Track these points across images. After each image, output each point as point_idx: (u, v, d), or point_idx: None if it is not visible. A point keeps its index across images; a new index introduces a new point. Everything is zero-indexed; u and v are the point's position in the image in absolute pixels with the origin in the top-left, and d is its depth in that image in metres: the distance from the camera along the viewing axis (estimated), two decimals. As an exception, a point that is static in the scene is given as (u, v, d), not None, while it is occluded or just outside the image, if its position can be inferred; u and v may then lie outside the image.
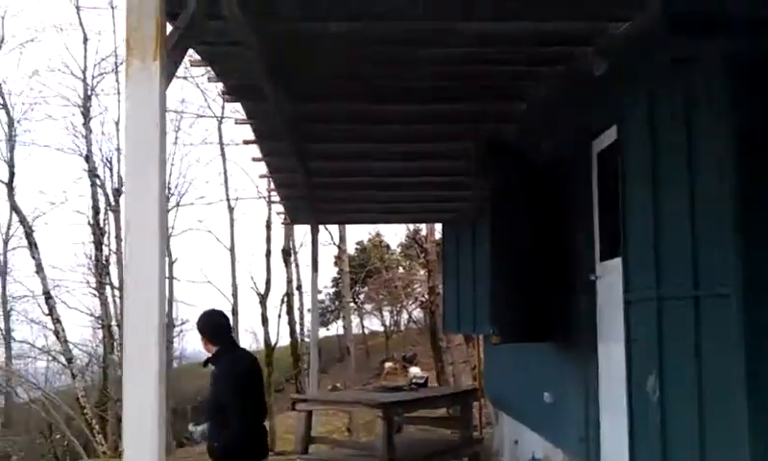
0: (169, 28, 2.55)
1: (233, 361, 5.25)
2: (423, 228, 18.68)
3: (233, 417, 5.05)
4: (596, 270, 5.42)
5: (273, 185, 9.28)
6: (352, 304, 25.12)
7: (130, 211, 2.37)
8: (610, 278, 5.09)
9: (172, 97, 20.28)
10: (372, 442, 10.02)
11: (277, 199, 9.76)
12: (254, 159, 7.74)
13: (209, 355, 5.29)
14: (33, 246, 19.64)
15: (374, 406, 7.67)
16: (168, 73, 2.44)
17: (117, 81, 20.27)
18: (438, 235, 15.34)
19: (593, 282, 5.42)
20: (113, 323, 20.32)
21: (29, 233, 19.84)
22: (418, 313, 28.06)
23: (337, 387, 13.41)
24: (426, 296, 20.54)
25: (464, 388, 11.87)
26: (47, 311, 19.69)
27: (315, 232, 10.25)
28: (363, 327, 29.00)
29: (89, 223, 20.58)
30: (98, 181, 20.43)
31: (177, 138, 20.95)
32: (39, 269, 19.47)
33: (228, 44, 4.23)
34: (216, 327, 5.37)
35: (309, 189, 8.10)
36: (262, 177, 8.81)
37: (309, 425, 8.01)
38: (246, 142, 7.25)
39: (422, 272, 24.41)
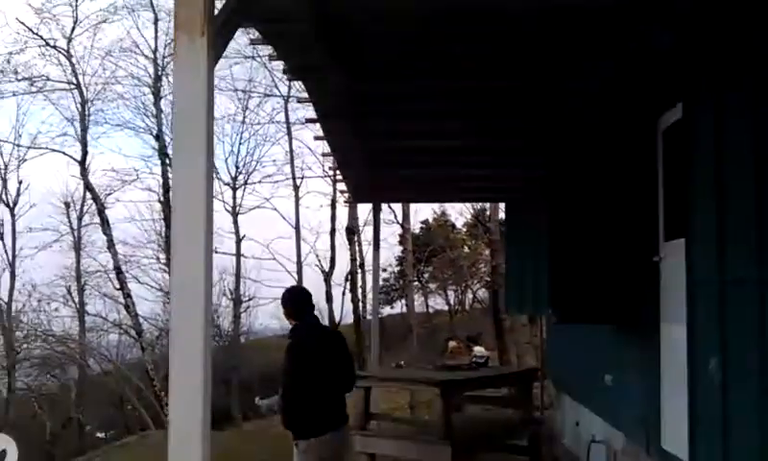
0: (221, 4, 2.56)
1: (302, 335, 5.64)
2: (488, 207, 18.55)
3: (295, 387, 5.43)
4: (660, 250, 5.31)
5: (335, 164, 9.32)
6: (417, 283, 25.14)
7: (177, 187, 2.40)
8: (673, 258, 4.97)
9: (240, 76, 20.51)
10: (430, 420, 10.02)
11: (341, 178, 9.79)
12: (317, 138, 7.80)
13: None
14: (105, 223, 20.26)
15: (432, 384, 7.66)
16: (216, 50, 2.44)
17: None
18: (502, 214, 15.24)
19: (656, 263, 5.30)
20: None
21: (101, 211, 20.46)
22: (482, 293, 27.90)
23: (401, 365, 13.39)
24: (490, 276, 20.43)
25: (525, 368, 11.78)
26: (118, 286, 20.36)
27: (377, 211, 10.28)
28: (427, 305, 28.92)
29: (159, 200, 21.07)
30: (168, 160, 20.85)
31: (245, 118, 21.14)
32: (111, 245, 20.10)
33: (284, 21, 4.18)
34: (295, 302, 5.86)
35: (370, 168, 8.09)
36: (325, 155, 8.85)
37: (368, 402, 8.06)
38: (308, 121, 7.31)
39: (487, 251, 24.27)
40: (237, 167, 21.56)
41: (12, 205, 21.96)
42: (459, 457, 7.00)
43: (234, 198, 21.50)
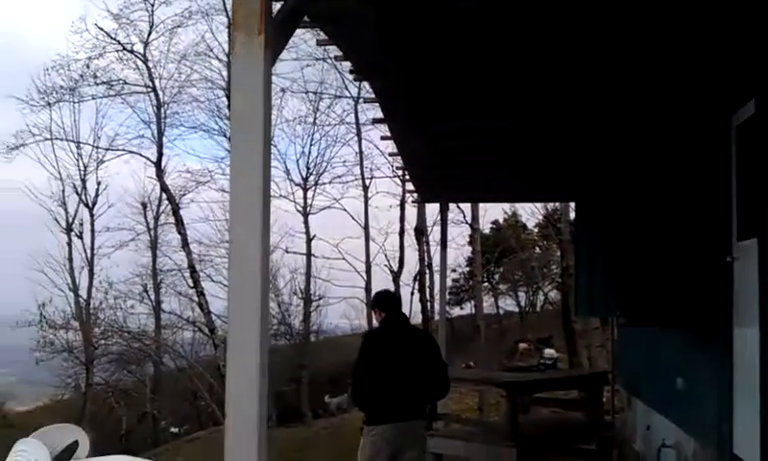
0: (279, 5, 2.59)
1: (382, 327, 6.05)
2: (559, 207, 18.33)
3: (362, 380, 5.76)
4: (733, 250, 5.15)
5: (402, 164, 9.35)
6: (486, 284, 25.00)
7: (234, 185, 2.43)
8: (747, 259, 4.82)
9: (312, 78, 20.70)
10: (496, 421, 9.95)
11: (408, 177, 9.80)
12: (384, 138, 7.83)
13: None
14: (179, 223, 20.77)
15: (498, 385, 7.61)
16: (274, 49, 2.47)
17: (262, 63, 20.91)
18: (573, 214, 15.02)
19: (729, 264, 5.15)
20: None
21: (176, 211, 20.97)
22: (554, 294, 27.59)
23: (470, 365, 13.42)
24: (561, 277, 20.15)
25: (595, 371, 11.59)
26: (192, 284, 20.84)
27: (444, 211, 10.25)
28: (497, 307, 28.75)
29: (231, 201, 21.41)
30: (241, 161, 21.21)
31: (315, 119, 21.35)
32: (185, 244, 20.57)
33: (346, 21, 4.18)
34: (381, 304, 6.19)
35: (437, 167, 8.06)
36: (392, 155, 8.87)
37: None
38: (375, 121, 7.33)
39: (558, 252, 23.96)
40: (308, 168, 21.78)
41: (90, 205, 22.65)
42: (525, 459, 6.94)
43: (305, 198, 21.75)
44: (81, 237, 22.62)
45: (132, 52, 21.08)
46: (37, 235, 23.02)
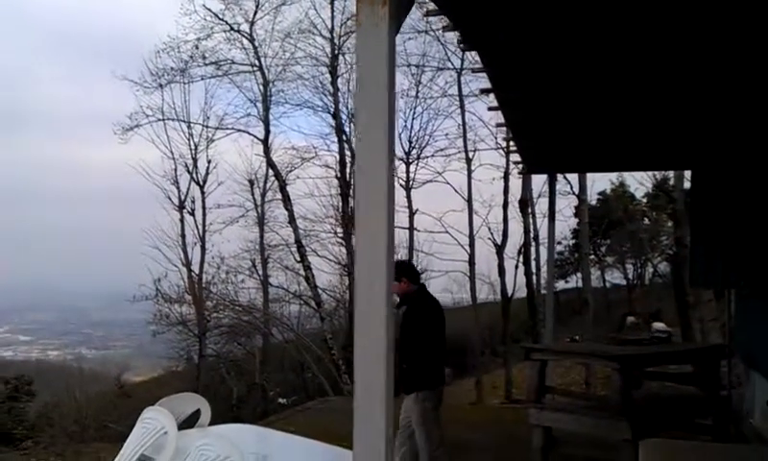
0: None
1: (424, 301, 6.65)
2: (672, 176, 17.72)
3: (419, 348, 6.37)
4: None
5: (509, 135, 9.22)
6: (593, 257, 24.50)
7: (360, 156, 2.45)
8: None
9: (414, 51, 20.65)
10: (607, 395, 9.76)
11: (515, 149, 9.67)
12: (491, 109, 7.75)
13: (401, 298, 6.63)
14: (286, 199, 21.18)
15: (610, 359, 7.46)
16: (398, 19, 2.47)
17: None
18: (687, 183, 14.50)
19: None
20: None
21: (282, 187, 21.37)
22: (663, 267, 26.79)
23: (575, 339, 13.16)
24: (673, 248, 19.53)
25: (710, 344, 11.22)
26: (299, 259, 21.27)
27: (552, 182, 10.07)
28: (604, 280, 28.16)
29: (336, 176, 21.71)
30: (344, 137, 21.42)
31: (418, 92, 21.31)
32: (292, 220, 20.98)
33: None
34: (416, 273, 6.92)
35: (545, 137, 7.93)
36: (499, 126, 8.77)
37: (543, 375, 7.97)
38: (483, 92, 7.28)
39: (669, 223, 23.18)
40: (410, 142, 21.78)
41: (201, 183, 23.30)
42: (638, 434, 6.79)
43: (407, 172, 21.78)
44: (192, 214, 23.32)
45: (238, 31, 21.50)
46: (152, 213, 23.83)
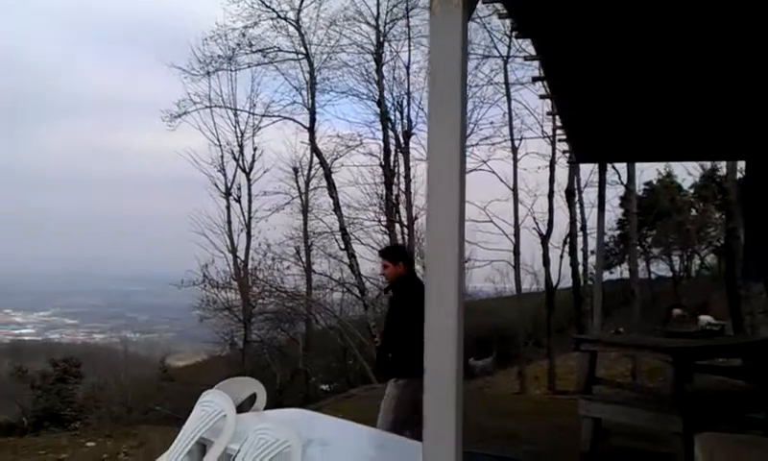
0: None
1: (412, 287, 6.41)
2: (722, 166, 17.41)
3: (406, 334, 6.04)
4: None
5: (559, 123, 9.14)
6: (639, 248, 24.21)
7: (433, 147, 2.44)
8: None
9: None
10: (659, 388, 9.67)
11: (563, 137, 9.58)
12: (542, 97, 7.71)
13: (389, 283, 6.65)
14: (331, 186, 21.25)
15: (663, 351, 7.38)
16: (470, 8, 2.46)
17: (408, 26, 20.95)
18: (740, 174, 14.24)
19: None
20: (402, 258, 21.48)
21: (328, 175, 21.44)
22: (711, 259, 26.40)
23: (619, 331, 13.01)
24: (722, 240, 19.20)
25: (763, 338, 11.03)
26: (343, 246, 21.36)
27: (602, 171, 9.96)
28: (649, 271, 27.78)
29: (381, 164, 21.72)
30: (389, 125, 21.41)
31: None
32: (337, 207, 21.05)
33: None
34: (408, 256, 6.93)
35: (598, 126, 7.85)
36: (549, 114, 8.70)
37: (593, 366, 7.91)
38: (535, 80, 7.23)
39: (717, 214, 22.80)
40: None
41: (247, 170, 23.48)
42: (689, 427, 6.71)
43: (452, 161, 21.65)
44: (239, 201, 23.56)
45: (285, 19, 21.57)
46: (198, 199, 24.10)
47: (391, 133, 21.43)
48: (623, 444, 7.70)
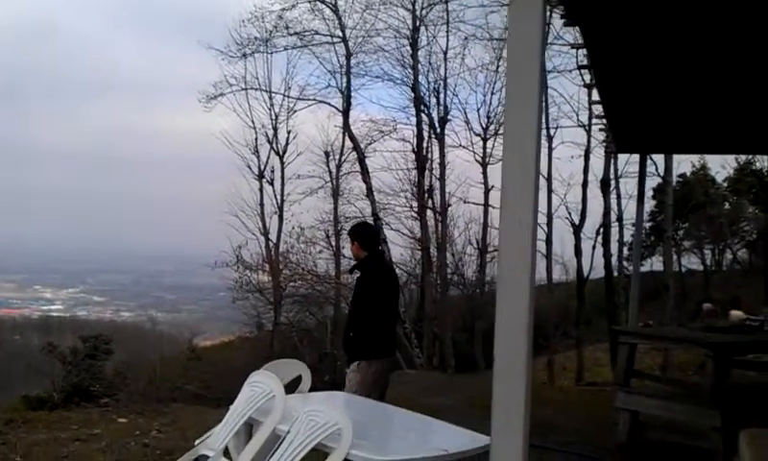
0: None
1: (378, 268, 6.32)
2: (758, 160, 17.16)
3: (369, 316, 6.07)
4: None
5: (598, 112, 9.07)
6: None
7: (509, 134, 2.44)
8: None
9: (496, 25, 20.36)
10: (697, 382, 9.59)
11: (602, 127, 9.51)
12: (587, 86, 7.65)
13: (356, 262, 6.44)
14: (365, 171, 21.23)
15: (704, 346, 7.32)
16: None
17: (446, 10, 20.85)
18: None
19: None
20: (432, 245, 21.51)
21: (361, 159, 21.41)
22: (743, 253, 26.09)
23: (648, 324, 12.87)
24: (754, 235, 18.97)
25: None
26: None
27: (643, 162, 9.86)
28: (680, 264, 27.52)
29: (413, 150, 21.66)
30: (426, 110, 21.35)
31: (498, 67, 21.07)
32: (370, 192, 21.04)
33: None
34: (369, 236, 6.47)
35: (643, 116, 7.77)
36: (593, 103, 8.62)
37: (632, 359, 7.87)
38: (580, 68, 7.18)
39: (751, 209, 22.52)
40: (488, 117, 21.60)
41: (281, 153, 23.56)
42: (729, 423, 6.66)
43: (484, 148, 21.63)
44: (272, 184, 23.70)
45: (323, 2, 21.53)
46: (232, 181, 24.19)
47: (425, 119, 21.39)
48: (660, 437, 7.66)
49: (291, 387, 5.30)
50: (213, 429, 4.73)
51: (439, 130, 21.36)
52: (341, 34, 21.57)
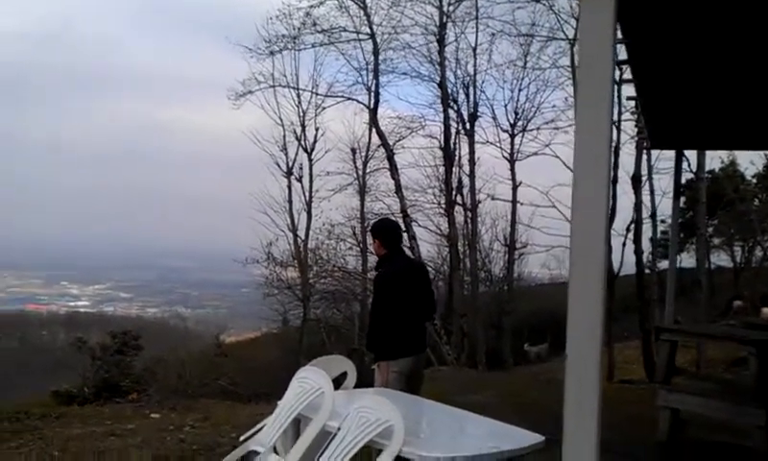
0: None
1: (397, 266, 6.14)
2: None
3: (388, 314, 5.97)
4: None
5: (630, 106, 8.98)
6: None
7: (580, 131, 2.41)
8: None
9: (523, 21, 20.22)
10: (738, 379, 9.48)
11: (635, 122, 9.42)
12: (624, 81, 7.58)
13: (378, 259, 6.31)
14: (393, 168, 21.17)
15: (747, 343, 7.25)
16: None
17: (476, 7, 20.76)
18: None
19: None
20: (461, 242, 21.47)
21: (390, 156, 21.36)
22: (773, 250, 25.78)
23: (677, 320, 12.81)
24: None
25: None
26: (404, 229, 21.22)
27: (679, 158, 9.76)
28: (709, 261, 27.23)
29: (440, 147, 21.62)
30: (454, 106, 21.27)
31: (525, 63, 20.96)
32: (399, 189, 20.98)
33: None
34: (390, 233, 6.29)
35: (679, 111, 7.69)
36: (630, 99, 8.54)
37: (673, 356, 7.78)
38: (620, 63, 7.10)
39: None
40: (516, 114, 21.51)
41: (309, 150, 23.58)
42: (773, 422, 6.58)
43: (512, 144, 21.56)
44: (300, 181, 23.69)
45: (350, -1, 21.43)
46: (260, 178, 24.22)
47: (453, 115, 21.33)
48: (701, 435, 7.57)
49: (336, 383, 5.28)
50: (258, 424, 4.72)
51: (468, 126, 21.27)
52: (368, 30, 21.47)
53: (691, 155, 16.52)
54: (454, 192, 21.37)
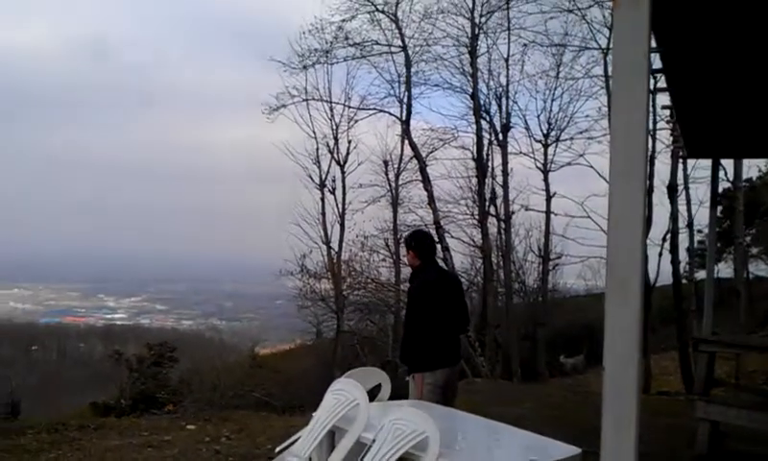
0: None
1: (427, 276, 6.13)
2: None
3: (421, 326, 5.97)
4: None
5: (665, 115, 8.89)
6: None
7: (615, 140, 2.40)
8: None
9: (555, 31, 20.16)
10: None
11: (671, 131, 9.31)
12: (659, 90, 7.50)
13: (413, 270, 6.32)
14: (426, 180, 21.16)
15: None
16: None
17: (508, 18, 20.77)
18: None
19: None
20: (495, 253, 21.38)
21: (423, 168, 21.36)
22: (813, 259, 25.32)
23: (716, 332, 12.60)
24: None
25: None
26: (437, 240, 21.21)
27: (716, 167, 9.63)
28: (747, 271, 26.82)
29: (473, 158, 21.56)
30: (487, 117, 21.24)
31: (558, 73, 20.87)
32: (432, 201, 20.97)
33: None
34: (423, 244, 6.31)
35: (716, 120, 7.59)
36: (664, 108, 8.46)
37: (711, 367, 7.68)
38: (654, 72, 7.04)
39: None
40: (549, 124, 21.41)
41: (342, 162, 23.57)
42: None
43: (545, 154, 21.44)
44: (333, 193, 23.69)
45: (383, 12, 21.59)
46: (294, 191, 24.30)
47: (486, 126, 21.29)
48: (741, 447, 7.45)
49: (370, 395, 5.29)
50: (294, 436, 4.74)
51: (501, 136, 21.21)
52: (400, 43, 21.57)
53: (728, 163, 16.35)
54: (487, 203, 21.30)
